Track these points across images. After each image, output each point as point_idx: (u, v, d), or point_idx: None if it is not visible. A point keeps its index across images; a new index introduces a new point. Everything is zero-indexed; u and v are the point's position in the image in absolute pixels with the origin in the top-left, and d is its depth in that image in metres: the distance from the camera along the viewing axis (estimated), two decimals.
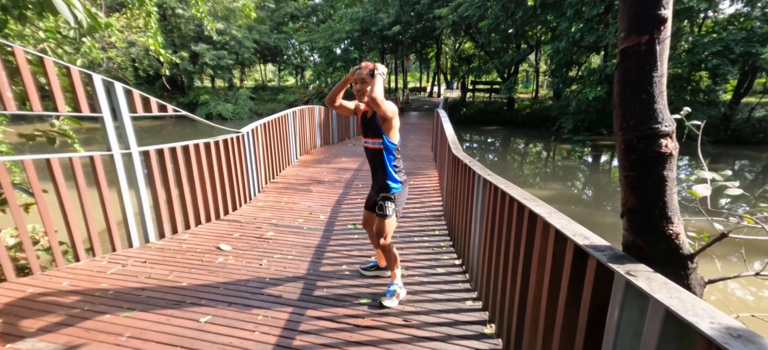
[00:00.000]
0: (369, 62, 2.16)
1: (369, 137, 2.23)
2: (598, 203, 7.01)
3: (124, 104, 2.89)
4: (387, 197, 2.25)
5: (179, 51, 17.80)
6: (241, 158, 4.21)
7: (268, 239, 3.32)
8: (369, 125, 2.22)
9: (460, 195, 2.99)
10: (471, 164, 2.65)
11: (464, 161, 2.79)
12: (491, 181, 2.10)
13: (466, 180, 2.72)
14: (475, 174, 2.45)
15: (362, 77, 2.12)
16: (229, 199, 3.98)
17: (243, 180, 4.26)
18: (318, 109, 7.80)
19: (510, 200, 1.78)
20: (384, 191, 2.27)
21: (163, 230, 3.27)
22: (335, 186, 5.04)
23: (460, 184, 2.96)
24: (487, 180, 2.18)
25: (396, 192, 2.27)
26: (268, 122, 5.11)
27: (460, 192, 2.95)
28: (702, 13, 8.92)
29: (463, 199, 2.82)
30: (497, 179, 2.13)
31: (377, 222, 2.27)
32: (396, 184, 2.27)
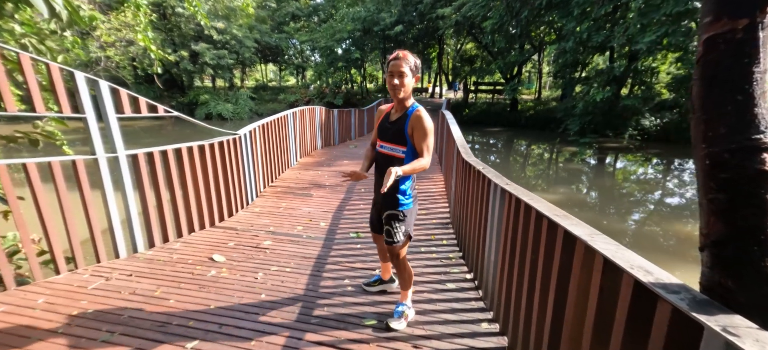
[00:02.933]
0: (407, 52, 1.78)
1: (388, 142, 1.90)
2: (605, 208, 6.78)
3: (110, 104, 2.68)
4: (395, 215, 1.94)
5: (179, 50, 17.63)
6: (237, 161, 3.99)
7: (264, 249, 3.10)
8: (393, 129, 1.88)
9: (471, 204, 2.77)
10: (485, 170, 2.44)
11: (476, 167, 2.57)
12: (511, 191, 1.88)
13: (479, 188, 2.51)
14: (491, 183, 2.23)
15: (400, 70, 1.75)
16: (224, 205, 3.77)
17: (240, 185, 4.05)
18: (319, 109, 7.59)
19: (537, 216, 1.56)
20: (391, 206, 1.94)
21: (152, 239, 3.06)
22: (337, 191, 4.82)
23: (472, 191, 2.75)
24: (505, 190, 1.96)
25: (406, 209, 1.96)
26: (267, 123, 4.90)
27: (472, 200, 2.73)
28: None
29: (476, 208, 2.61)
30: (518, 189, 1.91)
31: (387, 249, 2.02)
32: (407, 199, 1.97)
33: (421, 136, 1.81)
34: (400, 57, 1.75)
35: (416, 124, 1.81)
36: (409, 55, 1.78)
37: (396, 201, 1.95)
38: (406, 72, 1.76)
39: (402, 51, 1.78)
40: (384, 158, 1.93)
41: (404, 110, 1.87)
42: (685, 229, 5.66)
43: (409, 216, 2.00)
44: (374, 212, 2.14)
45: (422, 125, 1.79)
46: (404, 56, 1.76)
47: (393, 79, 1.77)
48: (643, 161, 10.56)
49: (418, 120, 1.81)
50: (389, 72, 1.78)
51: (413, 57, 1.79)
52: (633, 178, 8.95)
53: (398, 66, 1.75)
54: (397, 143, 1.87)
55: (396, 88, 1.78)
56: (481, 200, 2.48)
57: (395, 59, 1.76)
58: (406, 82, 1.77)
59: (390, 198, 1.94)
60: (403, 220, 1.97)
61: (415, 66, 1.79)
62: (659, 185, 8.37)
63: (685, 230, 5.63)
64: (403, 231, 1.98)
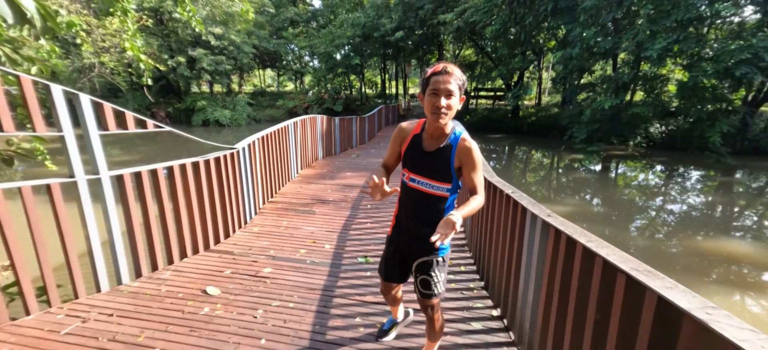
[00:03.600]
0: (454, 66, 1.38)
1: (425, 177, 1.49)
2: (621, 223, 6.51)
3: (92, 120, 2.38)
4: (433, 262, 1.59)
5: (176, 56, 17.34)
6: (235, 177, 3.69)
7: (264, 279, 2.79)
8: (431, 162, 1.48)
9: (497, 230, 2.48)
10: (515, 194, 2.15)
11: (505, 191, 2.28)
12: (559, 227, 1.59)
13: (509, 215, 2.22)
14: (527, 212, 1.94)
15: (449, 88, 1.34)
16: (220, 226, 3.45)
17: (237, 203, 3.74)
18: (320, 118, 7.31)
19: (604, 265, 1.27)
20: (428, 251, 1.58)
21: (139, 268, 2.74)
22: (341, 207, 4.52)
23: (498, 217, 2.46)
24: (550, 225, 1.68)
25: (445, 254, 1.62)
26: (267, 135, 4.60)
27: (498, 227, 2.44)
28: (727, 19, 8.52)
29: (504, 237, 2.32)
30: (566, 224, 1.62)
31: (422, 303, 1.68)
32: None
33: (473, 169, 1.45)
34: (448, 71, 1.35)
35: (466, 156, 1.44)
36: (456, 69, 1.38)
37: (435, 245, 1.49)
38: (455, 91, 1.36)
39: (448, 64, 1.38)
40: (419, 196, 1.53)
41: (444, 137, 1.46)
42: (707, 245, 5.39)
43: (447, 261, 1.67)
44: (395, 258, 1.71)
45: (474, 158, 1.44)
46: (452, 71, 1.36)
47: (438, 99, 1.35)
48: (653, 169, 10.34)
49: (469, 152, 1.44)
50: (432, 90, 1.36)
51: (461, 74, 1.39)
52: (644, 188, 8.71)
53: (446, 83, 1.34)
54: (438, 179, 1.48)
55: (440, 111, 1.36)
56: (511, 229, 2.19)
57: (442, 74, 1.35)
58: (453, 104, 1.37)
59: (427, 242, 1.48)
60: (444, 266, 1.62)
61: (463, 83, 1.40)
62: (672, 196, 8.13)
63: (708, 246, 5.36)
64: (443, 279, 1.63)
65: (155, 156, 12.42)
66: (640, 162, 10.95)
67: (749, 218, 6.81)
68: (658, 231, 6.04)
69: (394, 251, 1.71)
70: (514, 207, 2.15)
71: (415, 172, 1.52)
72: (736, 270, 4.73)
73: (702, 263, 4.88)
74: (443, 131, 1.46)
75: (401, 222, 1.66)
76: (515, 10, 11.64)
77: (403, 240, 1.67)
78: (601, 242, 1.40)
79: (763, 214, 6.96)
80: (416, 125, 1.59)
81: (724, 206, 7.32)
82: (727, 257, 5.03)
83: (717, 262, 4.91)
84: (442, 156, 1.46)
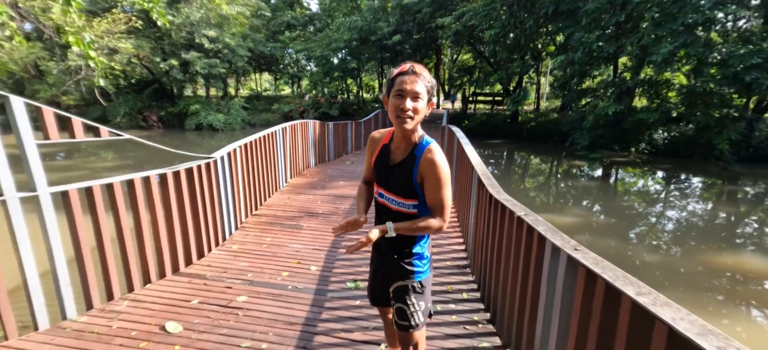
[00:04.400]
0: (422, 67, 1.23)
1: (392, 192, 1.33)
2: (627, 235, 6.17)
3: (27, 127, 2.01)
4: (408, 288, 1.38)
5: (169, 59, 16.98)
6: (211, 189, 3.32)
7: (237, 310, 2.41)
8: (397, 175, 1.31)
9: (506, 256, 2.12)
10: (528, 217, 1.80)
11: (517, 212, 1.92)
12: (590, 267, 1.24)
13: (522, 241, 1.86)
14: (546, 242, 1.58)
15: (415, 90, 1.18)
16: (193, 245, 3.08)
17: (214, 218, 3.36)
18: (312, 123, 6.96)
19: (669, 335, 0.91)
20: (401, 275, 1.38)
21: (90, 298, 2.35)
22: (331, 221, 4.15)
23: (507, 241, 2.10)
24: (577, 262, 1.32)
25: (423, 278, 1.40)
26: (251, 142, 4.24)
27: (508, 253, 2.08)
28: (733, 22, 8.28)
29: (515, 265, 1.96)
30: (601, 263, 1.27)
31: (400, 337, 1.41)
32: (424, 264, 1.40)
33: (435, 186, 1.25)
34: (415, 72, 1.19)
35: (428, 171, 1.24)
36: (425, 70, 1.22)
37: (408, 268, 1.37)
38: (422, 93, 1.20)
39: (415, 64, 1.22)
40: (386, 213, 1.36)
41: (411, 147, 1.29)
42: (721, 261, 5.05)
43: (427, 286, 1.42)
44: (376, 280, 1.54)
45: (436, 174, 1.23)
46: (420, 72, 1.20)
47: (402, 101, 1.18)
48: (658, 178, 10.04)
49: (431, 166, 1.23)
50: (397, 91, 1.19)
51: (429, 76, 1.24)
52: (651, 197, 8.39)
53: (413, 83, 1.18)
54: (403, 195, 1.30)
55: (404, 114, 1.19)
56: (525, 259, 1.83)
57: (408, 73, 1.19)
58: (420, 108, 1.21)
59: (399, 264, 1.37)
60: (422, 292, 1.40)
61: (431, 86, 1.24)
62: (682, 206, 7.81)
63: (722, 262, 5.02)
64: (422, 309, 1.41)
65: (149, 160, 12.01)
66: (642, 169, 10.66)
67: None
68: (670, 245, 5.70)
69: (374, 271, 1.55)
70: (528, 233, 1.79)
71: (381, 186, 1.37)
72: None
73: (726, 283, 4.53)
74: (410, 140, 1.28)
75: (377, 241, 1.41)
76: (515, 13, 11.40)
77: (379, 261, 1.48)
78: (659, 297, 1.04)
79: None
80: (386, 134, 1.41)
81: (742, 218, 7.00)
82: (756, 275, 4.69)
83: (743, 283, 4.56)
84: (405, 168, 1.28)
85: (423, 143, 1.27)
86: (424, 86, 1.20)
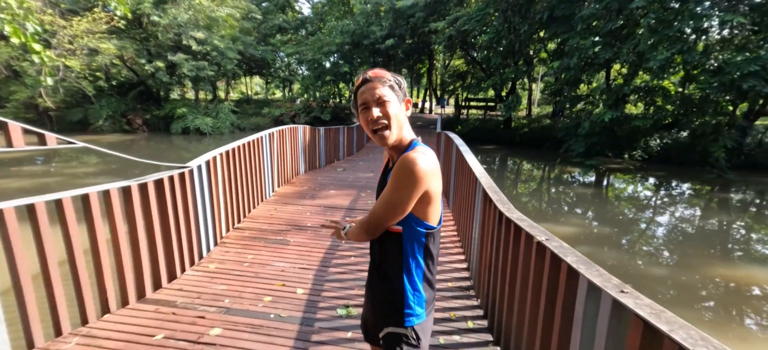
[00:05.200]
0: (379, 70, 1.08)
1: None
2: (629, 246, 5.98)
3: None
4: (399, 337, 1.10)
5: (155, 60, 16.44)
6: (186, 202, 2.97)
7: (208, 348, 2.07)
8: (380, 190, 1.18)
9: (522, 286, 1.83)
10: (553, 245, 1.52)
11: (538, 237, 1.64)
12: (647, 319, 0.96)
13: (544, 271, 1.57)
14: (580, 278, 1.30)
15: (377, 95, 1.03)
16: (162, 266, 2.72)
17: (188, 235, 3.01)
18: (302, 128, 6.63)
19: None
20: (391, 318, 1.11)
21: (31, 335, 1.99)
22: (320, 235, 3.83)
23: (524, 269, 1.81)
24: (625, 306, 1.04)
25: (416, 323, 1.11)
26: (233, 149, 3.90)
27: (526, 283, 1.79)
28: (730, 30, 8.26)
29: (538, 301, 1.67)
30: (664, 317, 0.99)
31: None
32: (418, 306, 1.11)
33: (391, 180, 1.03)
34: (370, 78, 1.05)
35: (394, 170, 1.03)
36: (383, 71, 1.08)
37: (400, 309, 1.10)
38: (387, 95, 1.04)
39: (370, 70, 1.08)
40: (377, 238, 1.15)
41: (399, 155, 1.09)
42: (730, 273, 4.88)
43: (425, 337, 1.14)
44: (368, 311, 1.28)
45: (396, 171, 1.01)
46: (377, 74, 1.06)
47: (369, 112, 1.04)
48: (656, 186, 9.97)
49: (398, 164, 1.01)
50: (361, 106, 1.06)
51: (391, 74, 1.09)
52: (651, 205, 8.25)
53: (373, 89, 1.04)
54: None
55: (377, 124, 1.04)
56: (549, 293, 1.54)
57: (365, 83, 1.06)
58: (392, 112, 1.04)
59: (389, 303, 1.12)
60: (417, 346, 1.11)
61: (397, 84, 1.08)
62: (682, 215, 7.69)
63: (730, 275, 4.84)
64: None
65: (135, 165, 11.44)
66: (635, 175, 10.59)
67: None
68: (680, 257, 5.51)
69: (367, 298, 1.28)
70: (553, 263, 1.51)
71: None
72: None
73: (736, 298, 4.34)
74: (400, 149, 1.10)
75: (369, 269, 1.26)
76: (510, 18, 11.29)
77: (370, 288, 1.25)
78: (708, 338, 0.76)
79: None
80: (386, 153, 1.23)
81: (748, 228, 6.88)
82: None
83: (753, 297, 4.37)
84: (385, 179, 1.12)
85: (410, 147, 1.07)
86: (387, 87, 1.04)
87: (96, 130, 17.01)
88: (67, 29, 11.78)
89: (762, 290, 4.45)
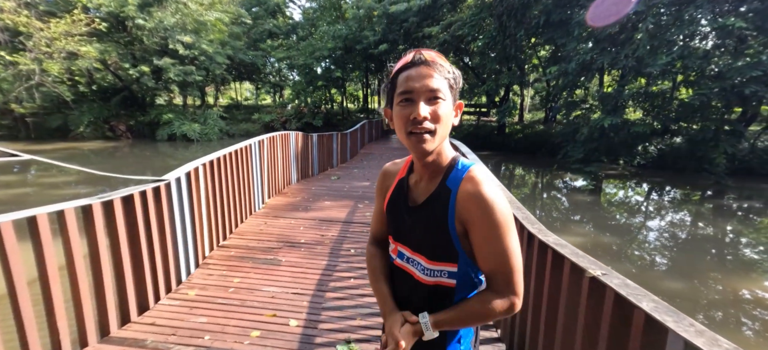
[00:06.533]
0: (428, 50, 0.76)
1: (417, 253, 0.83)
2: (649, 259, 5.75)
3: None
4: None
5: (139, 65, 15.87)
6: (162, 220, 2.59)
7: None
8: (421, 223, 0.81)
9: (567, 326, 1.51)
10: (621, 287, 1.21)
11: (591, 271, 1.33)
12: None
13: (610, 321, 1.25)
14: (669, 336, 0.99)
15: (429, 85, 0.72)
16: (132, 296, 2.33)
17: (164, 258, 2.62)
18: (294, 135, 6.27)
19: None
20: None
21: None
22: (316, 252, 3.46)
23: (569, 305, 1.50)
24: None
25: None
26: (219, 158, 3.52)
27: (573, 325, 1.48)
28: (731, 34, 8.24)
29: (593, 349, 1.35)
30: None
31: None
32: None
33: (490, 236, 0.73)
34: (426, 60, 0.74)
35: (473, 209, 0.74)
36: (440, 57, 0.77)
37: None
38: (442, 90, 0.74)
39: (424, 49, 0.77)
40: (408, 283, 0.86)
41: (440, 177, 0.81)
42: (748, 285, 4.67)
43: None
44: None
45: (489, 214, 0.72)
46: (433, 60, 0.74)
47: (413, 108, 0.73)
48: (659, 192, 9.87)
49: (478, 201, 0.73)
50: (402, 95, 0.75)
51: (448, 62, 0.78)
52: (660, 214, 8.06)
53: (424, 78, 0.73)
54: (434, 256, 0.80)
55: (420, 127, 0.73)
56: (613, 343, 1.23)
57: (416, 65, 0.74)
58: (442, 114, 0.74)
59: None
60: None
61: (455, 79, 0.78)
62: (692, 222, 7.54)
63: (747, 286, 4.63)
64: None
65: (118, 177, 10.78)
66: (632, 181, 10.51)
67: None
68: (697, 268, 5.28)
69: None
70: (618, 306, 1.19)
71: (399, 241, 0.88)
72: None
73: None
74: (438, 167, 0.81)
75: None
76: (505, 23, 11.19)
77: None
78: None
79: None
80: (403, 165, 0.95)
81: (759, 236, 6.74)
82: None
83: None
84: (433, 210, 0.79)
85: (459, 168, 0.80)
86: (443, 80, 0.74)
87: (77, 137, 16.29)
88: (45, 31, 11.20)
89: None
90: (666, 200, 9.13)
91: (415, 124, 0.73)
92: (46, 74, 11.56)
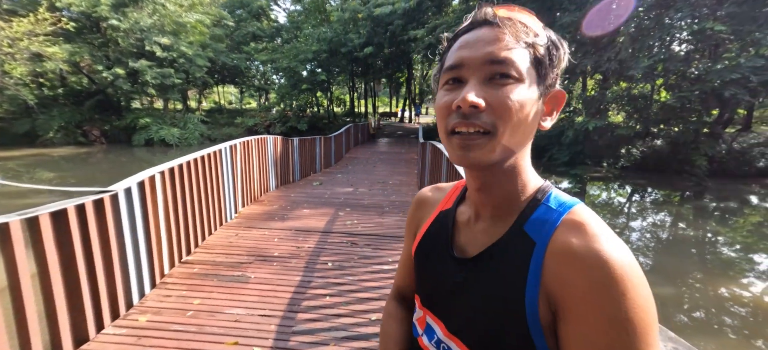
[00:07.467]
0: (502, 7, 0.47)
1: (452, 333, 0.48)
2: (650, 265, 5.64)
3: None
4: None
5: (114, 67, 15.20)
6: (105, 237, 2.27)
7: None
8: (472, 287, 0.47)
9: None
10: None
11: None
12: None
13: None
14: None
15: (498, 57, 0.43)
16: (65, 326, 2.00)
17: (109, 280, 2.30)
18: (272, 139, 5.96)
19: None
20: None
21: None
22: (289, 267, 3.17)
23: None
24: None
25: None
26: (182, 165, 3.21)
27: None
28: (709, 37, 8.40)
29: None
30: None
31: None
32: None
33: (609, 333, 0.35)
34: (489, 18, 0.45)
35: (583, 277, 0.37)
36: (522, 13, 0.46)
37: None
38: (517, 67, 0.43)
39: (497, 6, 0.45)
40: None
41: (513, 211, 0.48)
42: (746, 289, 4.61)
43: None
44: None
45: (615, 288, 0.35)
46: (506, 17, 0.44)
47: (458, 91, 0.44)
48: (646, 194, 9.93)
49: (592, 266, 0.37)
50: (448, 70, 0.46)
51: (543, 26, 0.47)
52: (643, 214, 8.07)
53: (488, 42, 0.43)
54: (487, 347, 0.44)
55: (464, 123, 0.43)
56: None
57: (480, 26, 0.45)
58: (513, 104, 0.42)
59: None
60: None
61: (547, 50, 0.46)
62: (663, 222, 7.56)
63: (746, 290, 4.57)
64: None
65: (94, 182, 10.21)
66: (615, 183, 10.59)
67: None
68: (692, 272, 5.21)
69: None
70: None
71: (430, 308, 0.55)
72: None
73: None
74: (508, 196, 0.49)
75: None
76: None
77: None
78: None
79: None
80: (450, 191, 0.62)
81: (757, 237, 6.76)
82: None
83: None
84: (497, 272, 0.45)
85: (550, 205, 0.47)
86: (521, 48, 0.45)
87: (45, 143, 15.44)
88: (6, 31, 10.53)
89: None
90: (648, 201, 9.19)
91: (462, 117, 0.44)
92: (8, 77, 10.87)
